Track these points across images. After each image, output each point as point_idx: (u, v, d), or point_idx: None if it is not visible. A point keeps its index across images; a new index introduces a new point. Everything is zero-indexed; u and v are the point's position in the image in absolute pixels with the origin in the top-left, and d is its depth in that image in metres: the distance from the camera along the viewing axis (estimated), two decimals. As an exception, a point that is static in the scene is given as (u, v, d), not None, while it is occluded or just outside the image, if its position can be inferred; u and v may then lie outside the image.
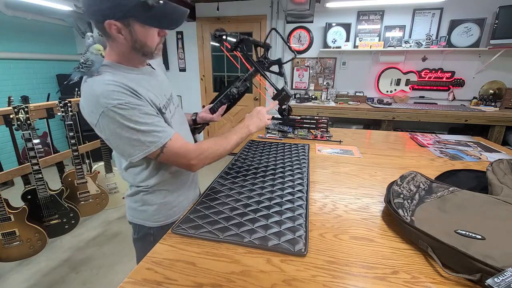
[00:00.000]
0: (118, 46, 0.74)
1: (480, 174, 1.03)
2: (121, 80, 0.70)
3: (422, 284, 0.53)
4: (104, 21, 0.66)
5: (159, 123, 0.74)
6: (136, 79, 0.76)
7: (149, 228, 0.93)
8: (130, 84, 0.71)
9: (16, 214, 1.65)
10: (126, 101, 0.68)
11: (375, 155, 1.33)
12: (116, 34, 0.69)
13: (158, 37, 0.75)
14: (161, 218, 0.91)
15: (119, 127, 0.69)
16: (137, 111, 0.69)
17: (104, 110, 0.66)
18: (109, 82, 0.69)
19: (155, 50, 0.76)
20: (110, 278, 1.79)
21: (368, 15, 3.20)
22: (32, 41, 3.58)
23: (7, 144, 3.27)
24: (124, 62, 0.77)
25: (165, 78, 0.94)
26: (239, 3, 3.53)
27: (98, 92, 0.67)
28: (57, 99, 2.17)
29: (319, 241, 0.66)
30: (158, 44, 0.76)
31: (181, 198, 0.95)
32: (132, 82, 0.73)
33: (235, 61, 3.58)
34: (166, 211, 0.92)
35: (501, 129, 2.66)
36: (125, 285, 0.53)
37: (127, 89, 0.70)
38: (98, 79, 0.70)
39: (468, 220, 0.67)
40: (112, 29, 0.68)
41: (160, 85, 0.85)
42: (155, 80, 0.84)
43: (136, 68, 0.79)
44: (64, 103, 1.93)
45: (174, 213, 0.94)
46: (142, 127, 0.70)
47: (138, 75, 0.78)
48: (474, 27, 2.92)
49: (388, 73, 3.32)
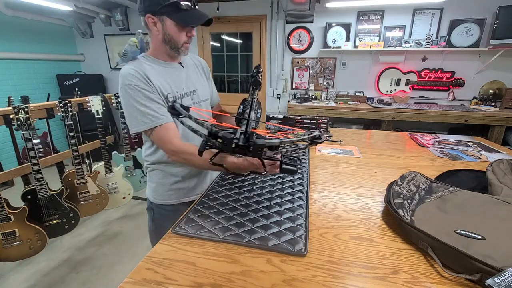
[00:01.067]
0: (154, 39, 0.94)
1: (480, 174, 1.03)
2: (140, 68, 0.89)
3: (422, 284, 0.53)
4: (146, 15, 0.88)
5: (158, 109, 0.88)
6: (159, 69, 0.94)
7: (150, 202, 1.10)
8: (147, 72, 0.89)
9: (16, 214, 1.65)
10: (135, 83, 0.86)
11: (375, 155, 1.33)
12: (152, 26, 0.90)
13: (186, 36, 0.92)
14: (158, 196, 1.07)
15: (127, 102, 0.88)
16: (141, 94, 0.87)
17: (121, 87, 0.88)
18: (130, 67, 0.88)
19: (181, 46, 0.93)
20: (110, 278, 1.79)
21: (368, 15, 3.20)
22: (32, 41, 3.58)
23: (7, 144, 3.27)
24: (157, 56, 0.97)
25: (197, 77, 1.08)
26: (239, 3, 3.53)
27: (122, 73, 0.88)
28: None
29: (319, 241, 0.66)
30: (184, 42, 0.93)
31: (179, 186, 1.06)
32: (152, 71, 0.91)
33: (235, 61, 3.58)
34: (163, 191, 1.06)
35: (501, 129, 2.66)
36: (125, 285, 0.53)
37: (141, 75, 0.87)
38: (127, 65, 0.90)
39: (468, 220, 0.67)
40: (150, 22, 0.89)
41: (180, 79, 1.00)
42: (176, 74, 1.00)
43: (164, 61, 0.97)
44: (64, 103, 1.93)
45: (170, 197, 1.07)
46: (141, 107, 0.87)
47: (162, 67, 0.96)
48: (474, 27, 2.91)
49: (388, 73, 3.32)
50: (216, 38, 3.96)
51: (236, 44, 3.93)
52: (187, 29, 0.92)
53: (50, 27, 3.80)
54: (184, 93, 1.00)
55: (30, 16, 3.31)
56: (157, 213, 1.11)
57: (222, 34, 3.89)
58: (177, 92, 0.98)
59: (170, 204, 1.09)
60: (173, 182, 1.06)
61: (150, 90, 0.88)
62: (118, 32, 4.03)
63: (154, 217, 1.12)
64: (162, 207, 1.09)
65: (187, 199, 1.10)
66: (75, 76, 4.01)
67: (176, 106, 0.60)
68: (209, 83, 1.17)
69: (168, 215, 1.09)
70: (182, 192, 1.09)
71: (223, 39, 3.94)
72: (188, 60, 1.09)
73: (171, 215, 1.08)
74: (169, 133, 0.89)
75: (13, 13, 3.10)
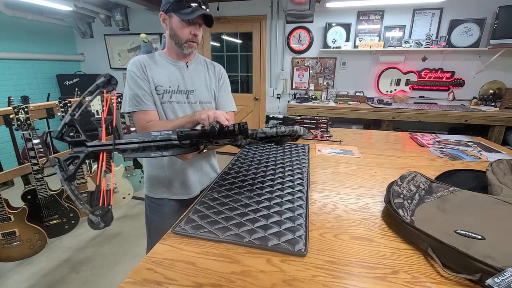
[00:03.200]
0: (166, 36, 1.05)
1: (480, 174, 1.03)
2: (143, 59, 1.03)
3: (422, 284, 0.53)
4: (160, 12, 1.01)
5: (144, 96, 1.00)
6: (162, 63, 1.05)
7: (144, 194, 1.19)
8: (146, 63, 1.02)
9: (16, 214, 1.65)
10: (133, 71, 1.00)
11: (375, 155, 1.33)
12: (163, 22, 1.02)
13: (190, 34, 0.99)
14: (148, 188, 1.16)
15: (126, 84, 1.03)
16: (134, 80, 1.00)
17: (126, 71, 1.03)
18: (136, 57, 1.03)
19: (185, 43, 1.01)
20: (110, 278, 1.79)
21: (368, 15, 3.20)
22: (32, 41, 3.58)
23: (7, 144, 3.27)
24: (167, 53, 1.08)
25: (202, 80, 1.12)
26: (239, 3, 3.53)
27: (130, 61, 1.03)
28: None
29: (319, 241, 0.66)
30: (188, 40, 1.01)
31: (165, 181, 1.12)
32: (153, 64, 1.04)
33: (235, 61, 3.58)
34: (151, 184, 1.14)
35: (501, 129, 2.66)
36: (125, 285, 0.53)
37: (140, 64, 1.01)
38: (137, 56, 1.05)
39: (468, 220, 0.67)
40: (162, 19, 1.02)
41: (179, 77, 1.07)
42: (177, 72, 1.07)
43: (171, 59, 1.07)
44: (64, 103, 1.93)
45: (157, 191, 1.14)
46: (131, 91, 1.00)
47: (166, 63, 1.06)
48: (474, 27, 2.91)
49: (388, 73, 3.32)
50: (216, 38, 3.96)
51: (236, 44, 3.94)
52: (192, 27, 0.99)
53: (50, 27, 3.80)
54: (178, 90, 1.06)
55: (30, 16, 3.31)
56: (148, 205, 1.20)
57: (222, 34, 3.89)
58: (170, 87, 1.05)
59: (158, 198, 1.15)
60: (161, 176, 1.12)
61: (142, 78, 1.00)
62: (118, 32, 4.03)
63: (146, 208, 1.20)
64: (151, 200, 1.17)
65: (174, 197, 1.14)
66: (75, 76, 4.01)
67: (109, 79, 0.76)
68: (218, 91, 1.18)
69: (157, 208, 1.16)
70: (169, 189, 1.13)
71: (223, 39, 3.94)
72: (201, 64, 1.16)
73: (159, 208, 1.16)
74: (145, 117, 1.01)
75: (13, 13, 3.10)
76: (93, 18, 3.96)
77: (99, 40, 4.16)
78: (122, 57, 4.18)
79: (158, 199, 1.15)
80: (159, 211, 1.16)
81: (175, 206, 1.14)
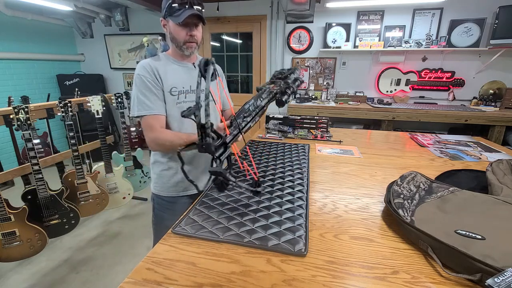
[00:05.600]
0: (168, 39, 1.09)
1: (480, 174, 1.03)
2: (154, 63, 1.04)
3: (422, 284, 0.53)
4: (160, 18, 1.05)
5: (154, 101, 1.02)
6: (171, 66, 1.08)
7: (152, 192, 1.20)
8: (158, 67, 1.04)
9: (16, 214, 1.65)
10: (143, 74, 1.01)
11: (375, 155, 1.33)
12: (164, 28, 1.06)
13: (187, 35, 1.02)
14: (158, 187, 1.17)
15: (134, 88, 1.04)
16: (144, 84, 1.01)
17: (135, 75, 1.03)
18: (145, 61, 1.05)
19: (183, 45, 1.04)
20: (110, 278, 1.79)
21: (368, 15, 3.20)
22: (32, 41, 3.58)
23: (7, 144, 3.27)
24: (172, 55, 1.11)
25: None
26: (239, 3, 3.53)
27: (138, 65, 1.04)
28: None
29: (319, 241, 0.66)
30: (186, 41, 1.03)
31: (177, 179, 1.13)
32: (163, 67, 1.05)
33: (235, 61, 3.58)
34: (162, 183, 1.15)
35: (501, 129, 2.66)
36: (125, 285, 0.53)
37: (150, 68, 1.02)
38: (147, 59, 1.07)
39: (468, 220, 0.67)
40: (162, 24, 1.06)
41: (189, 77, 1.10)
42: (186, 72, 1.11)
43: (178, 61, 1.10)
44: (64, 103, 1.93)
45: (169, 189, 1.15)
46: (140, 96, 1.01)
47: (175, 65, 1.09)
48: (474, 27, 2.91)
49: (388, 73, 3.32)
50: (216, 38, 3.96)
51: (236, 44, 3.93)
52: (186, 29, 1.01)
53: (50, 27, 3.80)
54: (191, 90, 1.10)
55: (30, 16, 3.31)
56: (157, 203, 1.20)
57: (222, 34, 3.89)
58: (183, 88, 1.08)
59: (169, 196, 1.16)
60: (172, 174, 1.13)
61: (154, 84, 1.02)
62: (118, 32, 4.03)
63: (155, 207, 1.20)
64: (161, 198, 1.17)
65: (186, 193, 1.17)
66: (75, 76, 4.01)
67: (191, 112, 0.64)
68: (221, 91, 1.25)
69: (167, 206, 1.17)
70: (180, 185, 1.15)
71: (223, 39, 3.94)
72: None
73: (170, 206, 1.17)
74: (154, 122, 1.02)
75: (13, 13, 3.10)
76: (93, 18, 3.96)
77: (99, 40, 4.16)
78: (122, 57, 4.18)
79: (170, 197, 1.16)
80: (169, 209, 1.17)
81: (187, 203, 1.16)
